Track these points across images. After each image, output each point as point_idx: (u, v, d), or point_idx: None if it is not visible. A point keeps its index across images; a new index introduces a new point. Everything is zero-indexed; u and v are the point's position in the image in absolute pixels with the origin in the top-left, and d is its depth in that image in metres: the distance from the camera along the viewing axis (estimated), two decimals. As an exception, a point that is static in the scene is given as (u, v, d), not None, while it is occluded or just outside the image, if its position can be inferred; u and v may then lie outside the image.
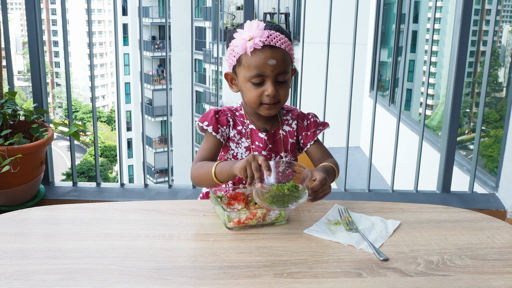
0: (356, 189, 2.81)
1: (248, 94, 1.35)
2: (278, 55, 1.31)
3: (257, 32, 1.28)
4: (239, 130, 1.43)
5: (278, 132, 1.45)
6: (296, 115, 1.49)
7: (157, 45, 22.05)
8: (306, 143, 1.47)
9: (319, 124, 1.49)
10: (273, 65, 1.30)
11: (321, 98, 2.69)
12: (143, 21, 11.34)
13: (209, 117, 1.41)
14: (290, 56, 1.36)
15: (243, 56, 1.32)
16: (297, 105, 2.78)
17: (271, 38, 1.30)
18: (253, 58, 1.30)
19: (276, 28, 1.35)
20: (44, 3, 35.94)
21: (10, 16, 32.83)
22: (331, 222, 1.22)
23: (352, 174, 4.98)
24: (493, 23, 2.54)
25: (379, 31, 5.45)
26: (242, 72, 1.34)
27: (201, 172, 1.33)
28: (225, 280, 0.96)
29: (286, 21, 11.20)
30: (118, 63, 3.03)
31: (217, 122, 1.40)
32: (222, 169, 1.26)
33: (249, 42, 1.29)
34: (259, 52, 1.30)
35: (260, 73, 1.31)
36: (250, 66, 1.31)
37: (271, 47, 1.30)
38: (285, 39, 1.34)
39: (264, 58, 1.29)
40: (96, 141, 2.68)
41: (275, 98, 1.34)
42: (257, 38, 1.28)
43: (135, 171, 22.55)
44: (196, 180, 1.36)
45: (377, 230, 1.19)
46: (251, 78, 1.32)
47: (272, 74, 1.31)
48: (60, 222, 1.22)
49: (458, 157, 3.42)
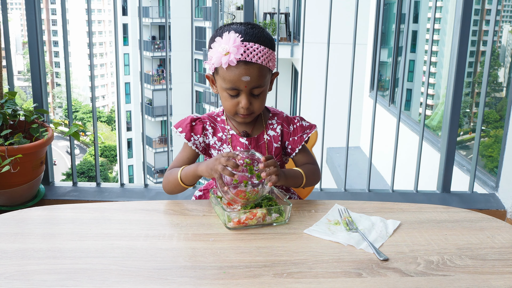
0: (356, 189, 2.81)
1: (224, 103, 1.38)
2: (252, 71, 1.30)
3: (232, 48, 1.27)
4: (220, 137, 1.44)
5: (262, 137, 1.45)
6: (282, 119, 1.47)
7: (157, 45, 22.05)
8: (294, 148, 1.46)
9: (305, 127, 1.47)
10: (247, 81, 1.30)
11: (321, 98, 2.69)
12: (143, 21, 11.34)
13: (184, 124, 1.43)
14: (268, 68, 1.34)
15: (219, 68, 1.32)
16: (297, 105, 2.78)
17: (247, 54, 1.29)
18: (228, 73, 1.30)
19: (256, 37, 1.32)
20: (44, 3, 35.95)
21: (10, 16, 32.84)
22: (331, 222, 1.22)
23: (352, 174, 4.98)
24: (493, 23, 2.54)
25: (379, 31, 5.45)
26: (219, 81, 1.35)
27: (169, 178, 1.39)
28: (225, 280, 0.96)
29: (286, 21, 11.20)
30: (118, 63, 3.03)
31: (191, 130, 1.42)
32: (187, 173, 1.33)
33: (224, 57, 1.28)
34: (234, 68, 1.29)
35: (234, 87, 1.32)
36: (225, 79, 1.32)
37: (246, 63, 1.29)
38: (263, 52, 1.31)
39: (238, 74, 1.30)
40: (96, 141, 2.68)
41: (249, 109, 1.36)
42: (232, 54, 1.27)
43: (135, 171, 22.56)
44: (166, 188, 1.42)
45: (377, 230, 1.19)
46: (226, 90, 1.34)
47: (246, 89, 1.32)
48: (60, 222, 1.22)
49: (458, 157, 3.42)
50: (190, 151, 1.44)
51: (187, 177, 1.34)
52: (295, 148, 1.46)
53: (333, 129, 3.40)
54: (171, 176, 1.38)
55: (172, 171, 1.40)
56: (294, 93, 8.76)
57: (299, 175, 1.38)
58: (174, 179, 1.37)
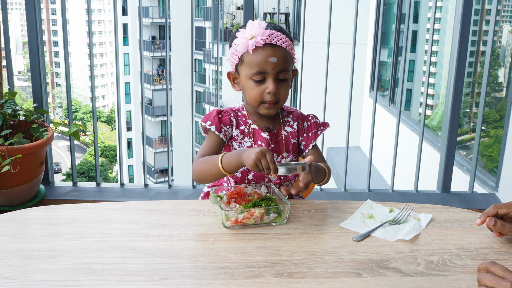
0: (356, 189, 2.81)
1: (249, 92, 1.38)
2: (279, 53, 1.34)
3: (258, 30, 1.32)
4: (242, 129, 1.45)
5: (280, 132, 1.47)
6: (297, 116, 1.50)
7: (157, 45, 22.05)
8: (307, 145, 1.48)
9: (319, 124, 1.50)
10: (274, 62, 1.33)
11: (321, 98, 2.69)
12: (143, 21, 11.34)
13: (212, 117, 1.43)
14: (291, 56, 1.39)
15: (245, 55, 1.35)
16: (297, 105, 2.78)
17: (272, 37, 1.34)
18: (255, 56, 1.33)
19: (278, 28, 1.38)
20: (44, 3, 35.93)
21: (10, 16, 32.84)
22: (365, 216, 1.26)
23: (352, 174, 4.98)
24: (493, 23, 2.54)
25: (379, 31, 5.45)
26: (244, 70, 1.37)
27: (205, 166, 1.32)
28: (225, 280, 0.96)
29: (286, 21, 11.20)
30: (118, 63, 3.03)
31: (220, 122, 1.42)
32: (228, 160, 1.27)
33: (250, 40, 1.32)
34: (260, 50, 1.33)
35: (262, 70, 1.34)
36: (252, 64, 1.34)
37: (272, 46, 1.33)
38: (286, 39, 1.37)
39: (265, 55, 1.33)
40: (96, 141, 2.68)
41: (276, 96, 1.36)
42: (259, 36, 1.32)
43: (135, 171, 22.54)
44: (200, 175, 1.35)
45: (411, 223, 1.23)
46: (253, 76, 1.35)
47: (273, 71, 1.34)
48: (60, 222, 1.22)
49: (458, 157, 3.42)
50: (217, 140, 1.41)
51: (229, 164, 1.27)
52: (308, 145, 1.47)
53: (333, 129, 3.38)
54: (207, 163, 1.32)
55: (208, 158, 1.34)
56: (294, 93, 8.75)
57: (323, 171, 1.37)
58: (212, 166, 1.30)
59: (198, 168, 1.35)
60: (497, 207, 1.12)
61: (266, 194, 1.29)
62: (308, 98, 5.14)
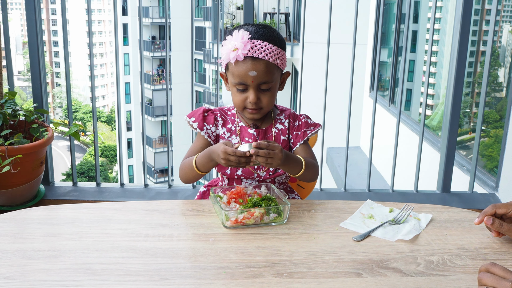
0: (356, 189, 2.81)
1: (233, 98, 1.43)
2: (259, 66, 1.35)
3: (240, 44, 1.33)
4: (229, 128, 1.49)
5: (271, 129, 1.49)
6: (288, 114, 1.52)
7: (157, 45, 22.05)
8: (295, 143, 1.48)
9: (310, 124, 1.51)
10: (254, 76, 1.35)
11: (321, 98, 2.69)
12: (143, 21, 11.33)
13: (197, 114, 1.48)
14: (276, 65, 1.38)
15: (229, 63, 1.38)
16: (297, 105, 2.78)
17: (254, 50, 1.34)
18: (236, 68, 1.36)
19: (265, 36, 1.36)
20: (44, 3, 35.93)
21: (10, 16, 32.83)
22: (365, 216, 1.27)
23: (352, 174, 4.98)
24: (493, 23, 2.54)
25: (379, 31, 5.45)
26: (229, 77, 1.41)
27: (185, 168, 1.42)
28: (225, 280, 0.96)
29: (286, 21, 11.20)
30: (118, 63, 3.03)
31: (204, 120, 1.47)
32: (201, 159, 1.36)
33: (232, 53, 1.34)
34: (241, 63, 1.35)
35: (242, 82, 1.37)
36: (234, 74, 1.37)
37: (253, 59, 1.34)
38: (271, 49, 1.35)
39: (245, 69, 1.35)
40: (96, 141, 2.68)
41: (257, 105, 1.40)
42: (240, 50, 1.33)
43: (135, 171, 22.55)
44: (182, 176, 1.44)
45: (411, 223, 1.23)
46: (235, 85, 1.39)
47: (253, 84, 1.37)
48: (60, 222, 1.22)
49: (458, 157, 3.42)
50: (203, 141, 1.47)
51: (202, 163, 1.36)
52: (296, 143, 1.48)
53: (333, 129, 3.40)
54: (185, 165, 1.41)
55: (187, 159, 1.42)
56: (294, 93, 8.76)
57: (299, 161, 1.38)
58: (189, 166, 1.39)
59: (180, 171, 1.44)
60: (495, 207, 1.12)
61: (266, 194, 1.29)
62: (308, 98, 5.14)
